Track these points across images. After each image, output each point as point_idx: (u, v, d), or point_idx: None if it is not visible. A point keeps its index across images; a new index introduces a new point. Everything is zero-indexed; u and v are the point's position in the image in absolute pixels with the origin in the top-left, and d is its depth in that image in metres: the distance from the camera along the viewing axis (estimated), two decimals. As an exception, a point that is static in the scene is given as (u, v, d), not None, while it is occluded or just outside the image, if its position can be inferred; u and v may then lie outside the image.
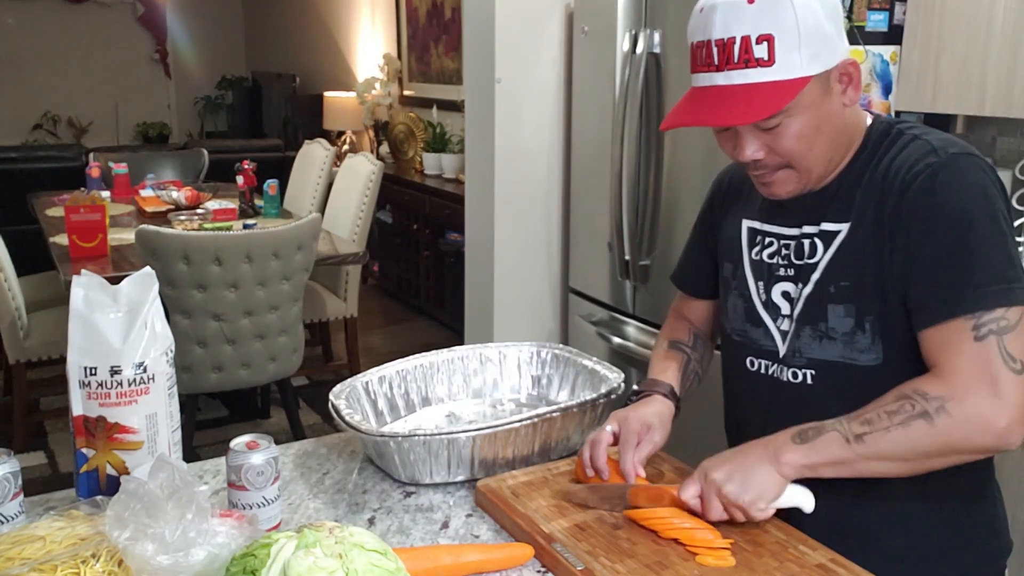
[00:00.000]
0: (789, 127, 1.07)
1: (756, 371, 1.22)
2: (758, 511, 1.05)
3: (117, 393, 1.10)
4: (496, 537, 1.13)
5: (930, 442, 1.01)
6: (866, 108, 2.33)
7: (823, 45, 1.04)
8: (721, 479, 1.06)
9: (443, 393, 1.50)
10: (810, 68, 1.04)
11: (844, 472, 1.04)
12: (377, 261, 5.62)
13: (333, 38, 7.18)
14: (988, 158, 2.53)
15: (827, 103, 1.08)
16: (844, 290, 1.11)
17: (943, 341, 1.03)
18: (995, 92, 2.08)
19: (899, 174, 1.07)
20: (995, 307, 1.00)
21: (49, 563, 0.87)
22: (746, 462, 1.07)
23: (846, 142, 1.13)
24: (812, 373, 1.15)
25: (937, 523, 1.16)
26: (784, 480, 1.05)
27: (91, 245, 3.06)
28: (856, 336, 1.10)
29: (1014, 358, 0.99)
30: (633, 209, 2.69)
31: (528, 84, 3.04)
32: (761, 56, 1.02)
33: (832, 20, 1.06)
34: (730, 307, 1.26)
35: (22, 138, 8.03)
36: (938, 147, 1.07)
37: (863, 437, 1.02)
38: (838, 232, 1.12)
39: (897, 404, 1.02)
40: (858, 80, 1.10)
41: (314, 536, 0.83)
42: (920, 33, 2.24)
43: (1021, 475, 1.85)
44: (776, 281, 1.19)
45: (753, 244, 1.23)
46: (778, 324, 1.19)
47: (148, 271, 1.16)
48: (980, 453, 1.05)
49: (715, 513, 1.07)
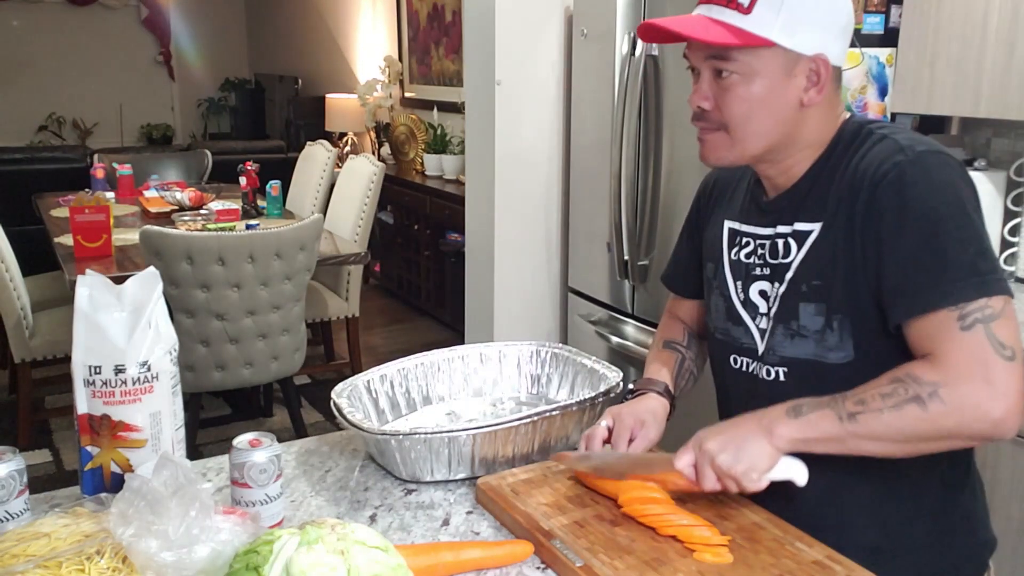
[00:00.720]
0: (737, 85, 1.09)
1: (739, 369, 1.23)
2: (751, 482, 1.05)
3: (121, 391, 1.10)
4: (496, 534, 1.14)
5: (923, 427, 1.01)
6: (862, 110, 2.35)
7: (802, 26, 1.06)
8: (715, 449, 1.06)
9: (444, 392, 1.51)
10: (780, 36, 1.06)
11: (835, 448, 1.05)
12: (378, 261, 5.62)
13: (335, 40, 7.19)
14: (982, 159, 2.53)
15: (783, 85, 1.09)
16: (816, 289, 1.12)
17: (929, 332, 1.03)
18: (990, 94, 2.09)
19: (868, 172, 1.08)
20: (976, 297, 1.00)
21: (54, 560, 0.87)
22: (740, 433, 1.07)
23: (797, 140, 1.13)
24: (785, 371, 1.16)
25: (911, 517, 1.16)
26: (777, 452, 1.06)
27: (95, 245, 3.07)
28: (825, 334, 1.11)
29: (1004, 345, 0.99)
30: (632, 209, 2.70)
31: (528, 86, 3.05)
32: (741, 2, 1.06)
33: (826, 14, 1.08)
34: (713, 306, 1.28)
35: (27, 139, 8.04)
36: (905, 145, 1.07)
37: (856, 416, 1.02)
38: (810, 232, 1.13)
39: (891, 387, 1.02)
40: (826, 84, 1.10)
41: (316, 533, 0.84)
42: (916, 35, 2.24)
43: (1013, 471, 1.86)
44: (753, 280, 1.20)
45: (732, 244, 1.25)
46: (757, 322, 1.20)
47: (152, 271, 1.16)
48: (975, 440, 1.05)
49: (709, 483, 1.07)
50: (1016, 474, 1.86)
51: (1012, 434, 1.00)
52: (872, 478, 1.12)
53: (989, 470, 1.90)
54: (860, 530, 1.16)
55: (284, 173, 4.54)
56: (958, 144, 2.52)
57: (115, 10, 8.58)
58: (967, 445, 1.06)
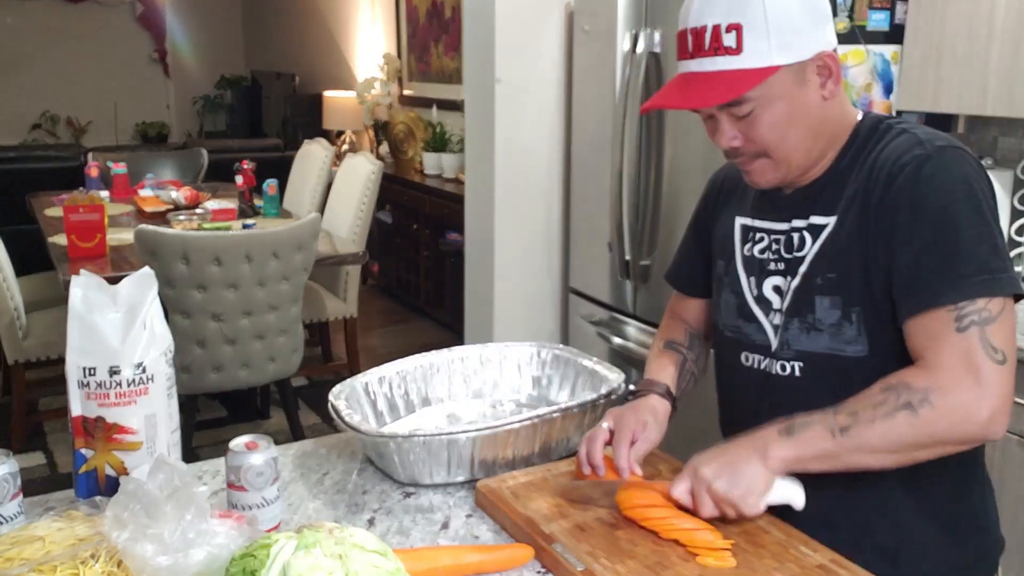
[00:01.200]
0: (761, 116, 1.09)
1: (750, 366, 1.23)
2: (748, 506, 1.06)
3: (116, 393, 1.09)
4: (496, 538, 1.13)
5: (914, 433, 1.01)
6: (867, 108, 2.34)
7: (795, 36, 1.07)
8: (710, 476, 1.07)
9: (443, 393, 1.50)
10: (780, 58, 1.06)
11: (831, 466, 1.05)
12: (377, 261, 5.62)
13: (333, 37, 7.18)
14: (989, 158, 2.52)
15: (802, 94, 1.09)
16: (831, 282, 1.12)
17: (926, 332, 1.04)
18: (996, 92, 2.08)
19: (885, 166, 1.09)
20: (977, 297, 1.01)
21: (48, 564, 0.86)
22: (734, 458, 1.07)
23: (828, 135, 1.14)
24: (800, 365, 1.16)
25: (925, 517, 1.16)
26: (772, 475, 1.06)
27: (90, 245, 3.06)
28: (843, 327, 1.11)
29: (996, 349, 1.00)
30: (633, 209, 2.69)
31: (528, 84, 3.04)
32: (730, 44, 1.06)
33: (808, 13, 1.08)
34: (723, 304, 1.28)
35: (21, 138, 8.02)
36: (924, 140, 1.08)
37: (848, 430, 1.03)
38: (826, 225, 1.14)
39: (882, 396, 1.03)
40: (838, 73, 1.12)
41: (314, 537, 0.83)
42: (921, 32, 2.24)
43: (1021, 474, 1.84)
44: (767, 276, 1.20)
45: (745, 240, 1.25)
46: (770, 319, 1.20)
47: (147, 271, 1.16)
48: (965, 444, 1.06)
49: (706, 510, 1.07)
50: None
51: (1000, 435, 1.02)
52: (885, 478, 1.11)
53: (996, 471, 1.89)
54: (874, 531, 1.16)
55: (281, 172, 4.53)
56: (964, 142, 2.51)
57: (109, 7, 8.57)
58: (958, 449, 1.06)
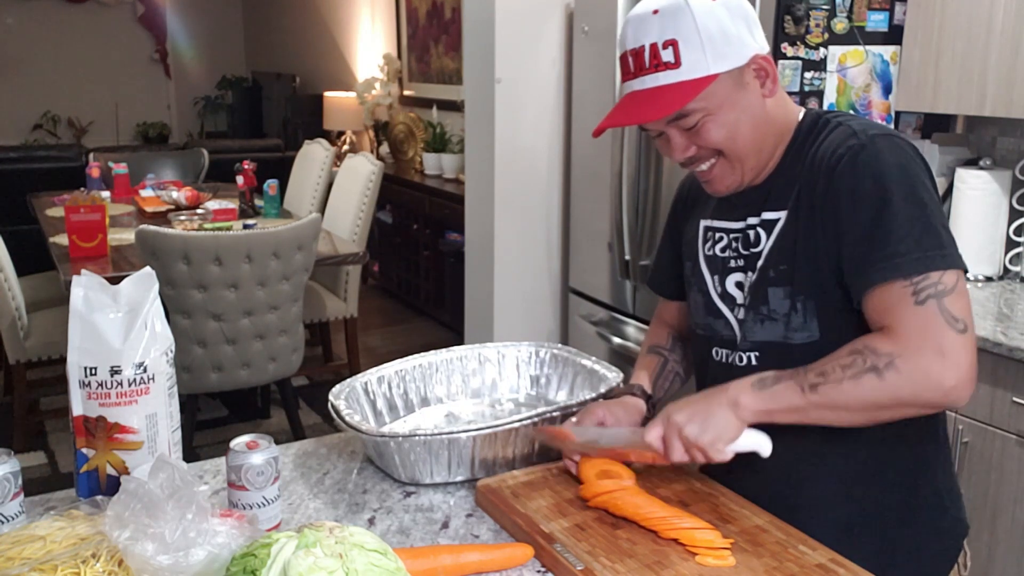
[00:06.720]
0: (708, 124, 1.15)
1: (719, 360, 1.28)
2: (716, 452, 1.10)
3: (117, 393, 1.10)
4: (496, 537, 1.13)
5: (879, 395, 1.06)
6: (866, 108, 2.34)
7: (728, 45, 1.12)
8: (682, 421, 1.11)
9: (442, 393, 1.50)
10: (717, 66, 1.12)
11: (798, 418, 1.10)
12: (377, 261, 5.62)
13: (333, 38, 7.18)
14: (988, 158, 2.52)
15: (743, 97, 1.15)
16: (782, 273, 1.17)
17: (883, 305, 1.08)
18: (995, 92, 2.09)
19: (825, 158, 1.14)
20: (928, 271, 1.05)
21: (49, 563, 0.86)
22: (706, 406, 1.12)
23: (775, 132, 1.19)
24: (756, 355, 1.22)
25: (881, 492, 1.20)
26: (742, 423, 1.11)
27: (91, 245, 3.06)
28: (791, 316, 1.17)
29: (957, 319, 1.04)
30: (633, 209, 2.69)
31: (528, 84, 3.04)
32: (668, 60, 1.11)
33: (739, 21, 1.14)
34: (692, 303, 1.32)
35: (22, 138, 8.02)
36: (858, 130, 1.13)
37: (817, 387, 1.08)
38: (778, 220, 1.19)
39: (850, 358, 1.07)
40: (774, 74, 1.17)
41: (314, 536, 0.83)
42: (920, 33, 2.24)
43: (1019, 473, 1.85)
44: (729, 273, 1.25)
45: (706, 240, 1.30)
46: (735, 313, 1.25)
47: (148, 271, 1.16)
48: (929, 408, 1.10)
49: (677, 454, 1.12)
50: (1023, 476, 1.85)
51: (963, 402, 1.06)
52: (842, 454, 1.17)
53: (996, 471, 1.89)
54: (831, 506, 1.20)
55: (282, 172, 4.53)
56: (963, 143, 2.50)
57: (110, 7, 8.57)
58: (922, 412, 1.11)
